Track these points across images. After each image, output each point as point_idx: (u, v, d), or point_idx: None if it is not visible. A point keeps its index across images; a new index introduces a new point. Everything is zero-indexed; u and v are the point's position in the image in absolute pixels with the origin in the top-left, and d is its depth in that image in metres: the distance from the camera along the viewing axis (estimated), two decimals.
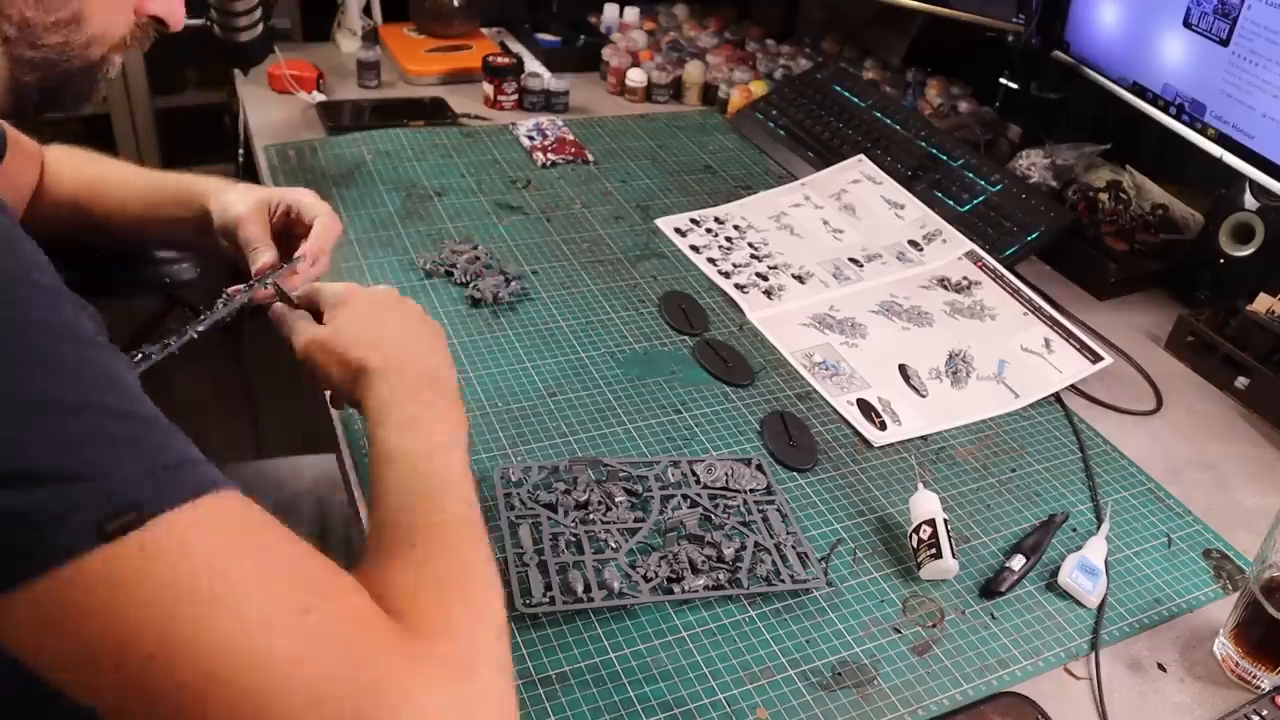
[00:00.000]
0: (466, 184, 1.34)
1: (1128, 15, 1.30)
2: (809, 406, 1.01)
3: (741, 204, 1.35)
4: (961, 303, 1.18)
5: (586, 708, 0.68)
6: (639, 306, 1.13)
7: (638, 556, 0.79)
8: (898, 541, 0.86)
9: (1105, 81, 1.35)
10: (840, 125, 1.49)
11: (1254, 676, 0.76)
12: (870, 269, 1.23)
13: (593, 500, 0.84)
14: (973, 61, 1.64)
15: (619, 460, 0.89)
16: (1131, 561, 0.87)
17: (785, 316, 1.13)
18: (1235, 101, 1.15)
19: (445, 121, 1.51)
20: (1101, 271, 1.28)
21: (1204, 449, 1.03)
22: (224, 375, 2.20)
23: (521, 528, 0.80)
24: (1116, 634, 0.80)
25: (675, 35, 1.87)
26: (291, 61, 1.54)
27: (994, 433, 1.01)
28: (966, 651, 0.77)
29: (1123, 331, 1.20)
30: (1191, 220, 1.33)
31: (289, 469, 1.11)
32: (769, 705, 0.70)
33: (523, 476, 0.85)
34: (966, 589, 0.82)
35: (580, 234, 1.26)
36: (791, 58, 1.78)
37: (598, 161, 1.45)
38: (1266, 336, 1.09)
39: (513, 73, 1.58)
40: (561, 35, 1.82)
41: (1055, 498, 0.93)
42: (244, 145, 1.52)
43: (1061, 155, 1.40)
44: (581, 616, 0.75)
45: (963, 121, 1.57)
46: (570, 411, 0.95)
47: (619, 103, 1.69)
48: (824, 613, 0.78)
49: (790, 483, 0.91)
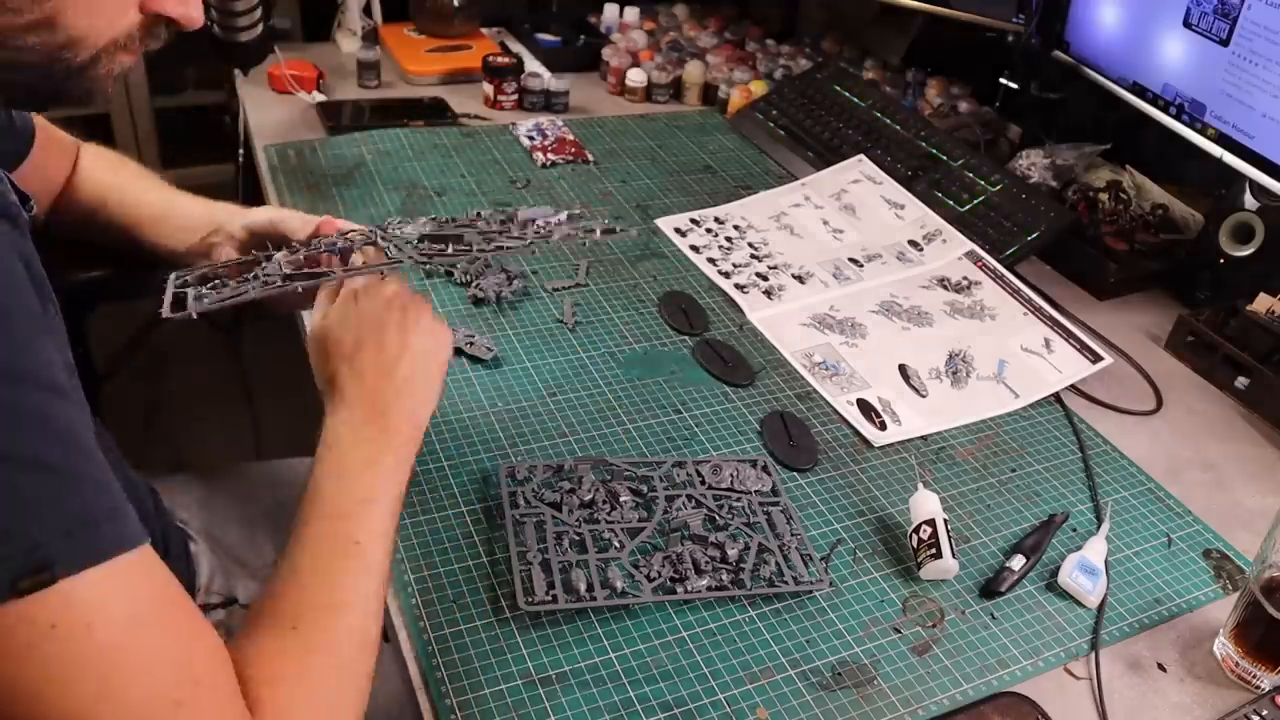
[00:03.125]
0: (466, 184, 1.34)
1: (1128, 15, 1.30)
2: (809, 406, 1.01)
3: (741, 204, 1.35)
4: (961, 303, 1.18)
5: (586, 707, 0.68)
6: (639, 306, 1.13)
7: (640, 556, 0.79)
8: (898, 541, 0.86)
9: (1105, 81, 1.35)
10: (840, 125, 1.49)
11: (1254, 676, 0.76)
12: (870, 269, 1.23)
13: (597, 500, 0.84)
14: (973, 61, 1.64)
15: (624, 460, 0.89)
16: (1131, 561, 0.87)
17: (785, 316, 1.13)
18: (1235, 101, 1.15)
19: (445, 121, 1.51)
20: (1101, 271, 1.28)
21: (1204, 449, 1.03)
22: (224, 375, 2.20)
23: (525, 526, 0.80)
24: (1116, 634, 0.80)
25: (675, 35, 1.87)
26: (291, 61, 1.54)
27: (994, 433, 1.01)
28: (966, 651, 0.77)
29: (1123, 331, 1.20)
30: (1191, 220, 1.33)
31: (289, 469, 1.11)
32: (769, 705, 0.70)
33: (528, 475, 0.85)
34: (966, 589, 0.82)
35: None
36: (791, 58, 1.78)
37: (598, 161, 1.45)
38: (1266, 336, 1.09)
39: (513, 73, 1.58)
40: (561, 35, 1.82)
41: (1055, 498, 0.93)
42: (244, 145, 1.52)
43: (1061, 155, 1.40)
44: (582, 616, 0.75)
45: (963, 121, 1.57)
46: (570, 411, 0.95)
47: (619, 103, 1.69)
48: (824, 613, 0.78)
49: (790, 483, 0.91)
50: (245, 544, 1.00)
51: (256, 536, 1.01)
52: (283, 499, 1.06)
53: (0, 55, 0.55)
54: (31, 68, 0.56)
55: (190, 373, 2.24)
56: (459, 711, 0.67)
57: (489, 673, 0.70)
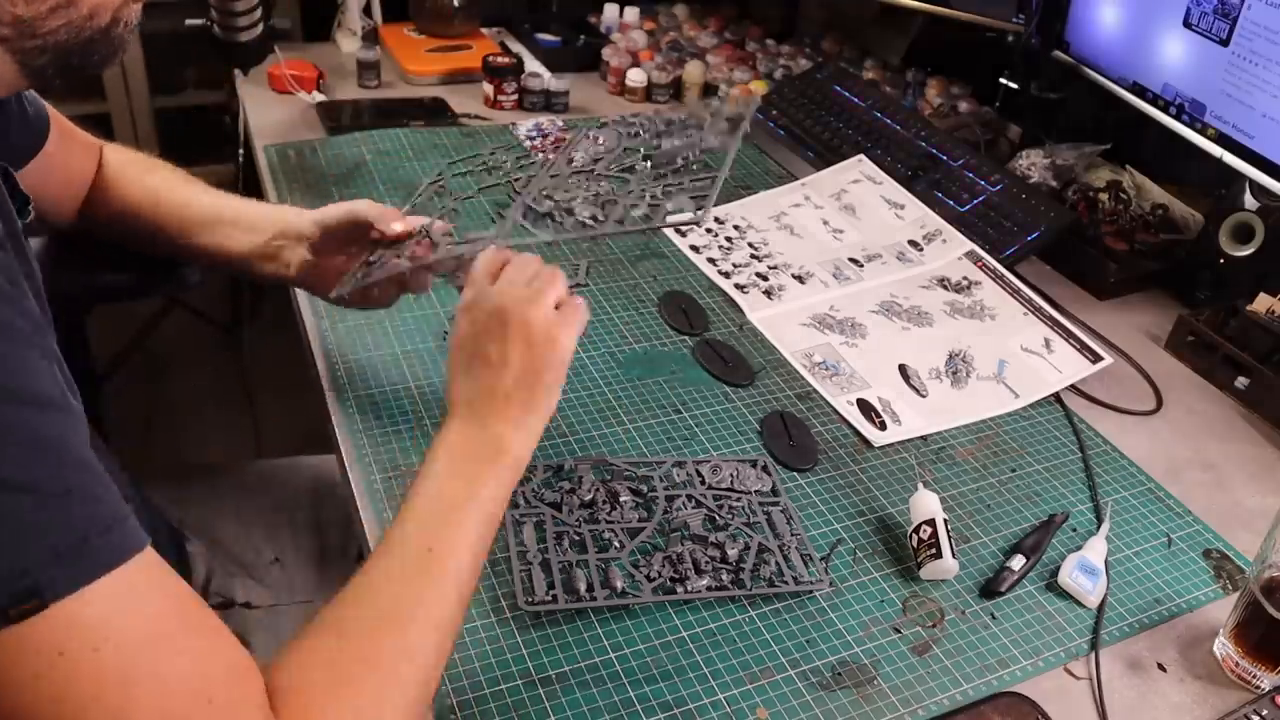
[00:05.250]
0: (466, 184, 1.34)
1: (1128, 15, 1.30)
2: (809, 406, 1.01)
3: (741, 204, 1.35)
4: (961, 303, 1.18)
5: (586, 708, 0.68)
6: (639, 306, 1.13)
7: (640, 557, 0.79)
8: (898, 541, 0.86)
9: (1105, 81, 1.35)
10: (840, 125, 1.49)
11: (1254, 676, 0.76)
12: (870, 269, 1.23)
13: (598, 500, 0.84)
14: (973, 61, 1.64)
15: (624, 460, 0.89)
16: (1131, 561, 0.87)
17: (785, 316, 1.13)
18: (1235, 101, 1.15)
19: (445, 121, 1.51)
20: (1101, 271, 1.28)
21: (1204, 449, 1.03)
22: (224, 375, 2.20)
23: (525, 526, 0.80)
24: (1116, 634, 0.80)
25: (675, 35, 1.87)
26: (291, 61, 1.54)
27: (994, 433, 1.01)
28: (966, 651, 0.77)
29: (1123, 331, 1.20)
30: (1191, 220, 1.33)
31: (288, 469, 1.11)
32: (769, 705, 0.70)
33: (528, 475, 0.85)
34: (966, 589, 0.82)
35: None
36: (791, 58, 1.78)
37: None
38: (1266, 336, 1.09)
39: (513, 73, 1.58)
40: (561, 35, 1.82)
41: (1055, 498, 0.93)
42: (244, 145, 1.52)
43: (1061, 155, 1.40)
44: (581, 616, 0.75)
45: (963, 121, 1.57)
46: (570, 411, 0.95)
47: (619, 103, 1.69)
48: (824, 613, 0.78)
49: (790, 483, 0.91)
50: (243, 544, 1.00)
51: (254, 537, 1.01)
52: (282, 499, 1.07)
53: (31, 43, 0.56)
54: (60, 45, 0.57)
55: (190, 373, 2.24)
56: (459, 711, 0.67)
57: (489, 673, 0.70)
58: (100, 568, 0.47)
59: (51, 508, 0.46)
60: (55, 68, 0.58)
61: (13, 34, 0.55)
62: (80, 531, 0.47)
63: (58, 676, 0.45)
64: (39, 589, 0.45)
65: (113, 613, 0.47)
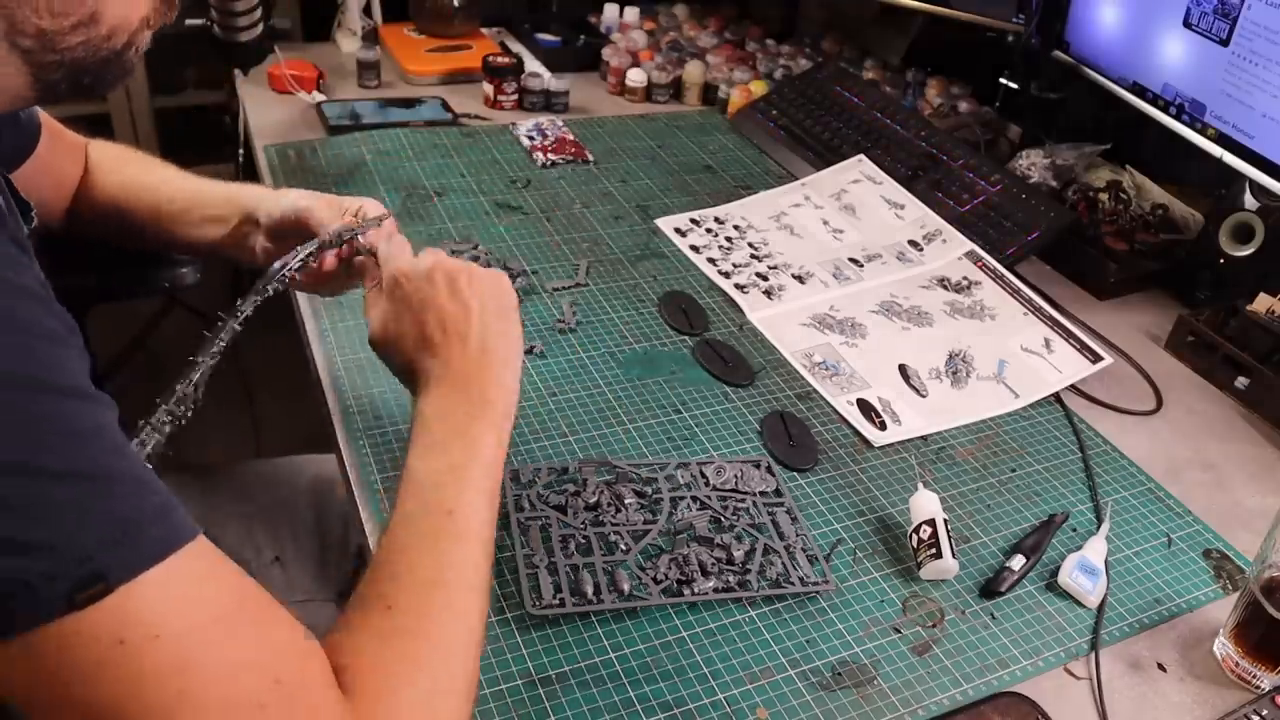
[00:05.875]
0: (466, 184, 1.34)
1: (1128, 15, 1.30)
2: (809, 406, 1.01)
3: (741, 204, 1.35)
4: (961, 303, 1.18)
5: (586, 707, 0.68)
6: (639, 306, 1.13)
7: (646, 559, 0.79)
8: (898, 541, 0.86)
9: (1105, 81, 1.35)
10: (840, 125, 1.49)
11: (1254, 676, 0.76)
12: (870, 269, 1.23)
13: (603, 502, 0.84)
14: (973, 61, 1.64)
15: (628, 462, 0.89)
16: (1131, 561, 0.87)
17: (785, 316, 1.13)
18: (1235, 101, 1.15)
19: (445, 121, 1.51)
20: (1101, 271, 1.28)
21: (1204, 449, 1.03)
22: (224, 375, 2.19)
23: (531, 529, 0.80)
24: (1116, 634, 0.80)
25: (675, 35, 1.87)
26: (291, 61, 1.54)
27: (994, 433, 1.01)
28: (966, 651, 0.77)
29: (1123, 331, 1.20)
30: (1191, 220, 1.33)
31: (289, 469, 1.11)
32: (769, 705, 0.70)
33: (533, 477, 0.85)
34: (966, 589, 0.82)
35: (580, 234, 1.26)
36: (791, 58, 1.78)
37: (598, 161, 1.45)
38: (1266, 336, 1.09)
39: (513, 73, 1.58)
40: (561, 35, 1.82)
41: (1055, 498, 0.93)
42: (244, 145, 1.52)
43: (1061, 155, 1.40)
44: (582, 617, 0.75)
45: (963, 121, 1.57)
46: (570, 411, 0.95)
47: (619, 103, 1.69)
48: (824, 613, 0.78)
49: (790, 483, 0.91)
50: (243, 544, 1.00)
51: (254, 536, 1.01)
52: (282, 498, 1.07)
53: (50, 57, 0.56)
54: (76, 63, 0.57)
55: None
56: None
57: (489, 673, 0.70)
58: (156, 554, 0.47)
59: (104, 494, 0.46)
60: (67, 84, 0.59)
61: (35, 46, 0.55)
62: (134, 518, 0.47)
63: (120, 664, 0.45)
64: (104, 573, 0.45)
65: (171, 598, 0.47)
